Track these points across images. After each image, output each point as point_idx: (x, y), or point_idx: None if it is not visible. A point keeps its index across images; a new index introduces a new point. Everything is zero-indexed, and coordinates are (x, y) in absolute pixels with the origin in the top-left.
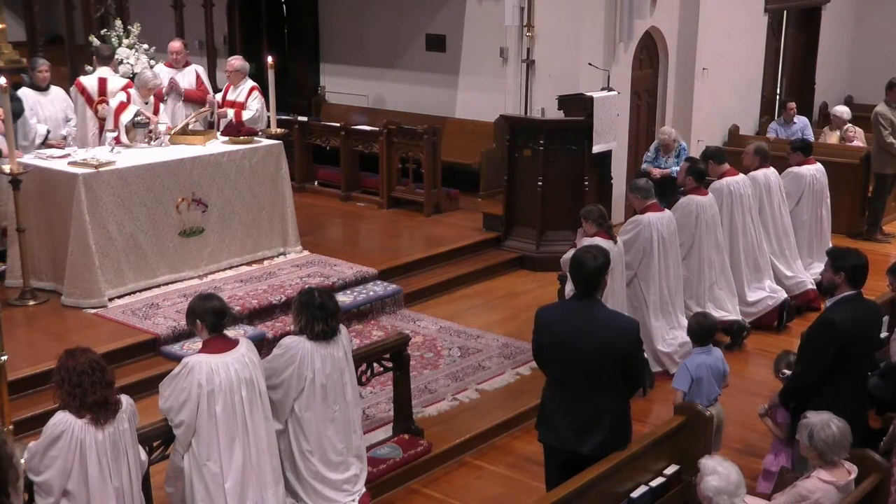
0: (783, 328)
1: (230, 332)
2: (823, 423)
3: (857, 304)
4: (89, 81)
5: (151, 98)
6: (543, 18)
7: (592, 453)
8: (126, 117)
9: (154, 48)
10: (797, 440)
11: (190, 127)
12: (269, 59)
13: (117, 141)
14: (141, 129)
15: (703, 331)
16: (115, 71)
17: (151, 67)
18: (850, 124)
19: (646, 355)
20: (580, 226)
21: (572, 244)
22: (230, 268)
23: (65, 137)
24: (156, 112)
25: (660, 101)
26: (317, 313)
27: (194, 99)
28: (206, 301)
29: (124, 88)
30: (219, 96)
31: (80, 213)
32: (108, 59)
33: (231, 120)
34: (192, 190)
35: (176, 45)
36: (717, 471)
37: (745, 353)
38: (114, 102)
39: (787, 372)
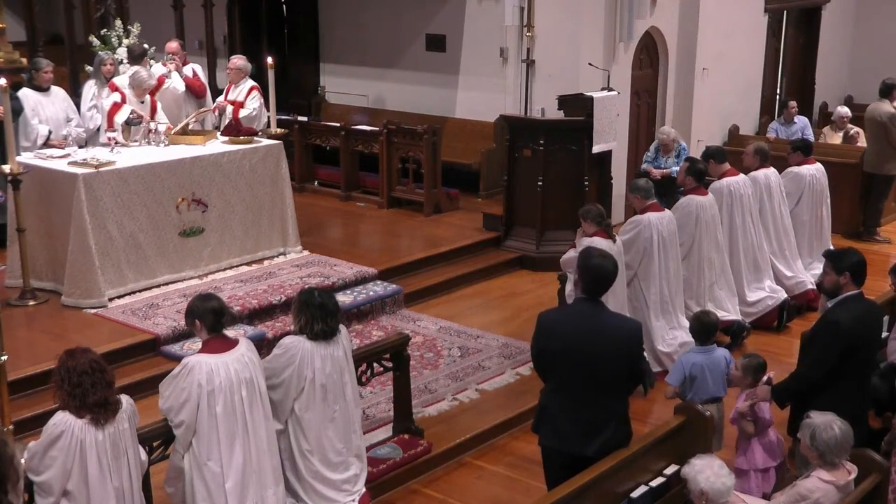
0: (783, 328)
1: (230, 332)
2: (826, 424)
3: (860, 303)
4: (122, 81)
5: (148, 98)
6: (543, 18)
7: (597, 455)
8: (121, 118)
9: (154, 48)
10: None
11: (190, 127)
12: (269, 59)
13: (111, 141)
14: (133, 128)
15: (703, 328)
16: (148, 68)
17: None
18: (851, 125)
19: (646, 355)
20: (580, 226)
21: (572, 244)
22: (230, 268)
23: (65, 137)
24: (153, 111)
25: (660, 101)
26: (316, 313)
27: (193, 87)
28: (205, 301)
29: (152, 92)
30: (220, 97)
31: (80, 213)
32: (139, 59)
33: (230, 120)
34: (192, 190)
35: (172, 45)
36: (695, 463)
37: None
38: (107, 103)
39: (736, 373)
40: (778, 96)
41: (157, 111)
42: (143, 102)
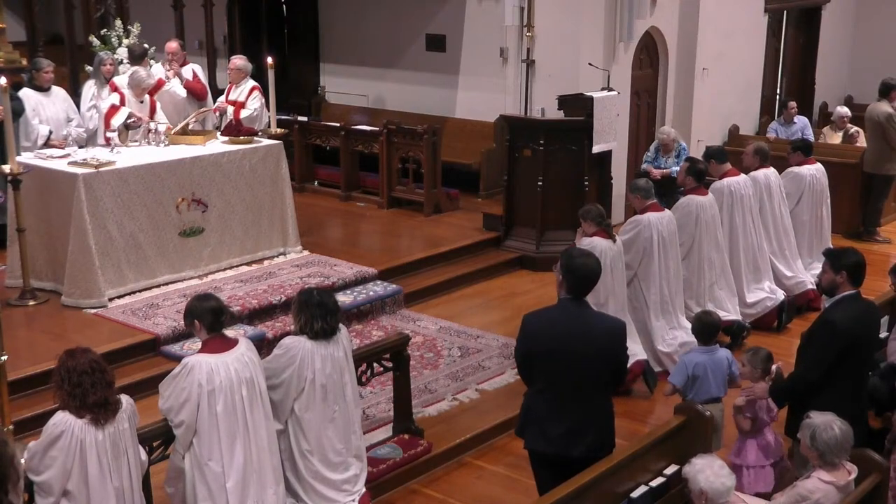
0: (783, 328)
1: (229, 332)
2: (826, 424)
3: (857, 303)
4: (122, 81)
5: (147, 98)
6: (543, 18)
7: (583, 455)
8: (118, 120)
9: (154, 48)
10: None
11: (190, 127)
12: (269, 60)
13: (108, 142)
14: (131, 132)
15: (705, 328)
16: (149, 68)
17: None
18: (851, 125)
19: (646, 355)
20: (580, 226)
21: (572, 244)
22: (230, 268)
23: (66, 137)
24: (152, 111)
25: (660, 101)
26: (316, 311)
27: (194, 89)
28: (204, 301)
29: (152, 92)
30: (221, 98)
31: (80, 213)
32: (139, 59)
33: (231, 119)
34: (192, 190)
35: (172, 45)
36: (695, 462)
37: None
38: (105, 104)
39: (745, 369)
40: (778, 96)
41: (156, 111)
42: (142, 102)
